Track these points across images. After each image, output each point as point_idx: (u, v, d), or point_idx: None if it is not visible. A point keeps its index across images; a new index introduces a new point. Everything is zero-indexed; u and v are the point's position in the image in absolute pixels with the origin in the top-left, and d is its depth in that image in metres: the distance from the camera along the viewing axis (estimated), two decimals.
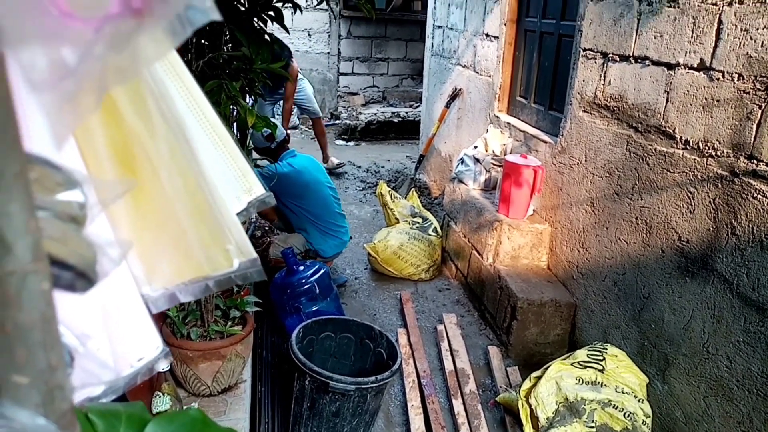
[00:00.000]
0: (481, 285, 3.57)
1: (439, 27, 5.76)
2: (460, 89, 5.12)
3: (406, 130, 8.09)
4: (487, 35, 4.43)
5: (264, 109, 5.92)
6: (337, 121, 8.24)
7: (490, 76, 4.37)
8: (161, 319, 2.20)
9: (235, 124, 2.57)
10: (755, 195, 1.96)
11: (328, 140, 6.63)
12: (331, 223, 3.64)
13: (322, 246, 3.60)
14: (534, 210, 3.53)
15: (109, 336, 0.62)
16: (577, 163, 3.08)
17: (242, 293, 2.44)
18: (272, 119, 3.87)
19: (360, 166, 6.77)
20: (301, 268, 2.95)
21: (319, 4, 2.47)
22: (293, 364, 2.26)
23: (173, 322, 2.21)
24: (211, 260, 0.72)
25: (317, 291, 2.90)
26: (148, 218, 0.68)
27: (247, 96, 2.49)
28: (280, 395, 2.65)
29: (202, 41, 2.22)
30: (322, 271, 2.97)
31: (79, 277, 0.42)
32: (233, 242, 0.73)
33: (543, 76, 3.73)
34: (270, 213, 3.32)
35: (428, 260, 4.10)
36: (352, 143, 7.85)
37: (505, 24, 4.07)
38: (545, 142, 3.45)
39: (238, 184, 0.84)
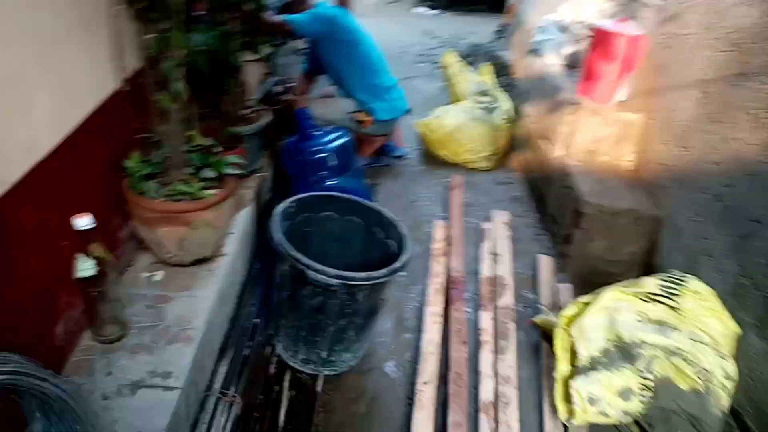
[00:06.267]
0: (546, 182, 3.09)
1: None
2: None
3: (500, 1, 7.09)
4: None
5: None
6: None
7: None
8: (122, 171, 1.79)
9: None
10: None
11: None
12: (380, 82, 3.08)
13: (373, 105, 3.02)
14: (625, 94, 2.84)
15: None
16: (691, 33, 2.39)
17: (223, 152, 1.98)
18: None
19: (438, 37, 6.03)
20: (319, 132, 2.44)
21: None
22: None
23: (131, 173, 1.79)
24: None
25: (335, 162, 2.40)
26: None
27: None
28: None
29: None
30: (343, 139, 2.46)
31: None
32: None
33: None
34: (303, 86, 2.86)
35: (490, 146, 3.54)
36: (437, 11, 6.99)
37: None
38: (652, 5, 2.67)
39: None
